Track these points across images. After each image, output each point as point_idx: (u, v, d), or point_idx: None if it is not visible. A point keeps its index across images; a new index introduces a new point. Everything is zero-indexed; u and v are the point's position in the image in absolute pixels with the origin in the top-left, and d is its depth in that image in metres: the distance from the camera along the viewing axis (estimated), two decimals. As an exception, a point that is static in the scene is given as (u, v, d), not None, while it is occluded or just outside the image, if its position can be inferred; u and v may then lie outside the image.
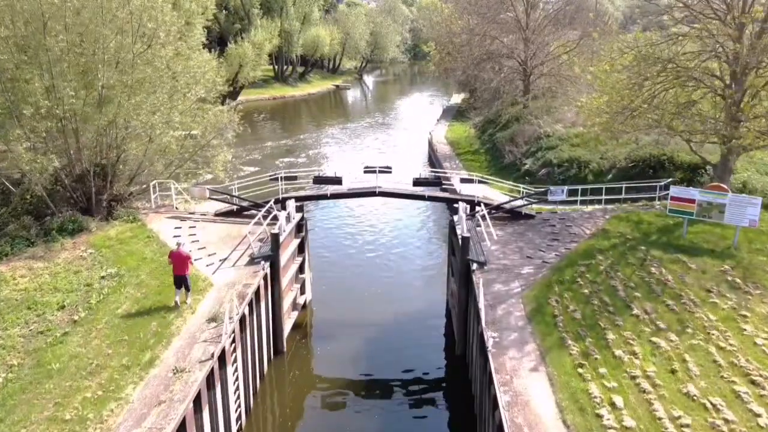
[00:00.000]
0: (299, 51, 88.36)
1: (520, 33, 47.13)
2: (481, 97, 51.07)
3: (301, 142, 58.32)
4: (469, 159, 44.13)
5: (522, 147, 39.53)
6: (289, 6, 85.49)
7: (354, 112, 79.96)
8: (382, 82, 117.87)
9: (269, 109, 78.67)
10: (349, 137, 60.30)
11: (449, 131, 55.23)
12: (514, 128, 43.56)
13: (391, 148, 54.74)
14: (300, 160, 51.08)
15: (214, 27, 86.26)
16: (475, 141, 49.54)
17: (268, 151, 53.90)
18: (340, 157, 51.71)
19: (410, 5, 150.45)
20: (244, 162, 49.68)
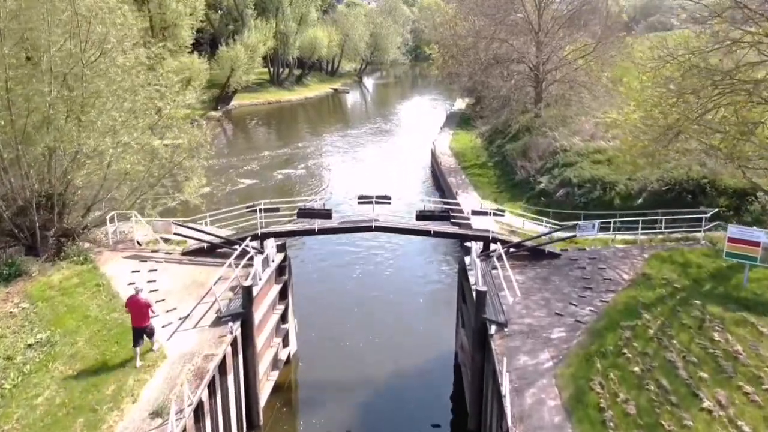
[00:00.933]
0: (296, 53, 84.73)
1: (531, 35, 43.44)
2: (489, 105, 47.39)
3: (299, 151, 54.58)
4: (476, 173, 40.44)
5: (536, 162, 35.83)
6: (285, 6, 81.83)
7: (353, 117, 76.28)
8: (382, 84, 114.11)
9: (264, 114, 75.02)
10: (350, 145, 56.60)
11: (454, 141, 51.55)
12: (526, 140, 39.87)
13: (391, 158, 51.07)
14: (298, 171, 47.45)
15: (208, 28, 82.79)
16: (482, 153, 45.85)
17: (265, 161, 50.21)
18: (340, 168, 48.09)
19: (411, 5, 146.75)
20: (240, 174, 46.16)
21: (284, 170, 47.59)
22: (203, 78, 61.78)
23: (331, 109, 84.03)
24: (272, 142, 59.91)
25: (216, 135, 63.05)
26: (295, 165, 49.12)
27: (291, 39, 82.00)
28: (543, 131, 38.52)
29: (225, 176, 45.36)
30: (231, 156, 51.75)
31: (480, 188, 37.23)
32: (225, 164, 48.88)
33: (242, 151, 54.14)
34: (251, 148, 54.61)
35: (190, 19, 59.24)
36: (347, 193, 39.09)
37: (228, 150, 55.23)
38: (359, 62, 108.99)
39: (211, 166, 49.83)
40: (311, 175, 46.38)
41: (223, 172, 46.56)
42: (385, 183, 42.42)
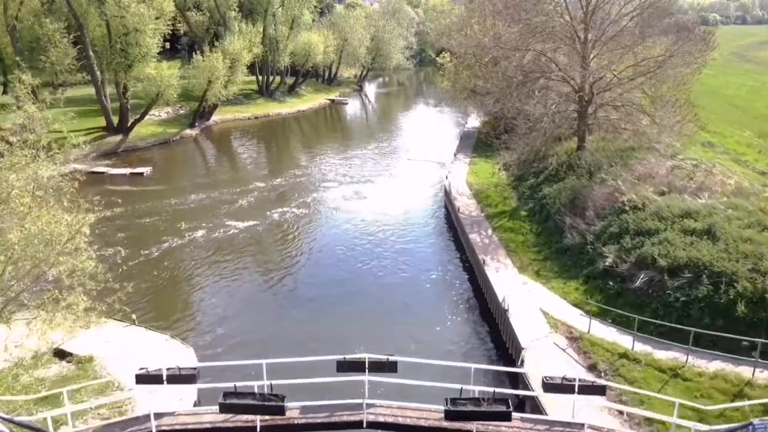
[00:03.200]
0: (287, 60, 75.28)
1: (575, 46, 33.97)
2: (518, 129, 37.94)
3: (293, 181, 44.73)
4: (506, 227, 30.96)
5: (592, 221, 26.33)
6: (275, 8, 72.39)
7: (353, 134, 66.22)
8: (384, 93, 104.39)
9: (251, 131, 65.52)
10: (350, 175, 46.54)
11: (471, 172, 42.06)
12: (572, 184, 30.37)
13: (398, 194, 41.41)
14: (294, 210, 37.71)
15: (186, 32, 73.53)
16: (509, 193, 36.35)
17: (252, 194, 40.50)
18: (341, 209, 38.46)
19: (416, 6, 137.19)
20: (227, 213, 36.52)
21: (278, 209, 37.90)
22: (172, 92, 52.51)
23: (328, 124, 74.39)
24: (260, 169, 50.27)
25: (188, 159, 53.59)
26: (290, 202, 39.48)
27: (281, 45, 72.54)
28: (602, 178, 28.96)
29: (203, 216, 35.95)
30: (209, 188, 42.18)
31: (515, 253, 27.76)
32: (201, 200, 39.47)
33: (224, 181, 44.59)
34: (235, 180, 45.01)
35: (156, 23, 49.86)
36: (351, 250, 30.00)
37: (206, 178, 45.67)
38: (359, 68, 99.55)
39: (185, 202, 40.34)
40: (309, 219, 36.77)
41: (200, 211, 37.25)
42: (390, 236, 33.05)
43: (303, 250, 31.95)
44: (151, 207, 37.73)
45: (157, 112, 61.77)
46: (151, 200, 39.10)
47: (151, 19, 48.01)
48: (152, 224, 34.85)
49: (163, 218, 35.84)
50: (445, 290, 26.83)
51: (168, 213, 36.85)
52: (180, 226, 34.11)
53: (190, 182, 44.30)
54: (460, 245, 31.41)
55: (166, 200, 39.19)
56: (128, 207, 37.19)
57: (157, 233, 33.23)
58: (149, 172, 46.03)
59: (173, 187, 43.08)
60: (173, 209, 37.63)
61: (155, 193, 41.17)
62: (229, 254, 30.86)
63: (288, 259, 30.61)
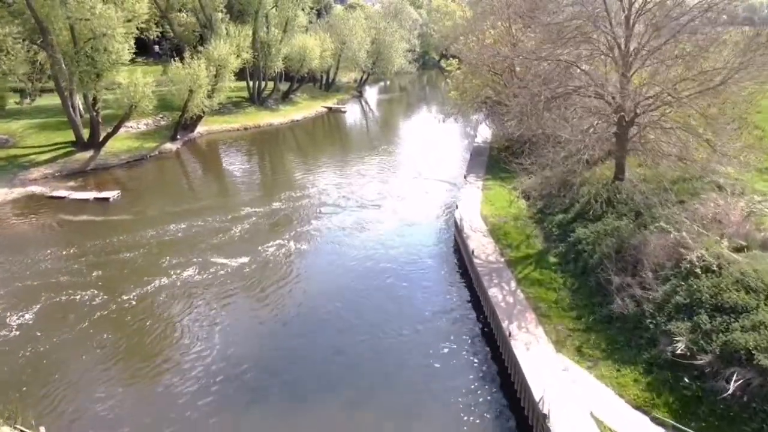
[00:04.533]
0: (280, 66, 69.54)
1: (612, 57, 28.23)
2: (539, 151, 32.21)
3: (288, 206, 39.02)
4: (533, 280, 25.21)
5: (650, 285, 20.55)
6: (268, 8, 66.65)
7: (354, 147, 59.89)
8: (386, 99, 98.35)
9: (239, 144, 59.80)
10: (348, 200, 40.66)
11: (486, 200, 36.30)
12: (617, 228, 24.57)
13: (402, 227, 35.79)
14: (293, 245, 32.22)
15: (171, 35, 67.95)
16: (533, 229, 30.62)
17: (242, 225, 34.83)
18: (340, 241, 32.83)
19: (419, 7, 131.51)
20: (210, 248, 31.06)
21: (270, 242, 32.30)
22: (147, 103, 46.85)
23: (325, 136, 68.45)
24: (250, 190, 44.35)
25: (166, 179, 47.78)
26: (284, 233, 33.94)
27: (274, 49, 66.80)
28: (652, 219, 23.21)
29: (179, 253, 30.49)
30: (188, 215, 36.55)
31: (547, 319, 22.05)
32: (177, 232, 33.93)
33: (208, 207, 38.87)
34: (220, 205, 39.34)
35: (127, 27, 44.18)
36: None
37: (185, 203, 39.78)
38: (359, 72, 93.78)
39: (156, 235, 33.37)
40: (304, 259, 31.12)
41: (175, 247, 31.79)
42: (394, 287, 27.38)
43: (292, 305, 26.07)
44: (109, 245, 32.06)
45: (134, 124, 56.20)
46: (112, 234, 33.44)
47: (120, 22, 42.29)
48: (104, 270, 29.08)
49: (122, 260, 30.15)
50: (461, 373, 21.04)
51: (132, 251, 31.18)
52: (144, 272, 28.59)
53: (166, 208, 38.55)
54: (477, 302, 25.63)
55: (133, 234, 33.50)
56: (78, 246, 31.65)
57: (107, 284, 27.53)
58: (116, 197, 40.33)
59: (145, 215, 37.41)
60: (141, 245, 31.97)
61: (121, 225, 35.49)
62: (205, 311, 25.31)
63: (271, 322, 24.85)
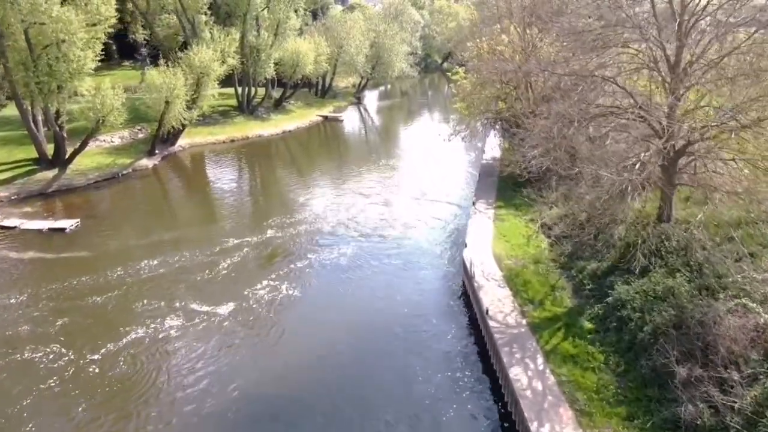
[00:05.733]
0: (271, 72, 64.36)
1: (658, 71, 23.04)
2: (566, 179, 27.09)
3: (279, 236, 34.06)
4: (565, 355, 20.01)
5: (733, 383, 15.36)
6: (259, 9, 61.44)
7: (352, 163, 53.52)
8: (386, 106, 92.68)
9: (225, 159, 54.60)
10: (349, 230, 35.43)
11: (499, 234, 31.09)
12: (672, 291, 19.36)
13: (401, 266, 30.72)
14: (284, 288, 27.37)
15: (151, 39, 62.91)
16: (558, 278, 25.41)
17: (226, 263, 29.84)
18: (335, 289, 27.69)
19: (420, 8, 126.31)
20: (185, 293, 26.39)
21: (256, 285, 27.71)
22: (116, 116, 41.79)
23: (320, 149, 62.84)
24: (236, 215, 38.98)
25: (138, 203, 42.50)
26: (273, 273, 29.23)
27: (264, 54, 61.63)
28: (722, 286, 18.02)
29: (149, 300, 25.78)
30: (161, 249, 31.70)
31: (590, 419, 16.88)
32: (146, 272, 29.05)
33: (185, 238, 33.92)
34: (201, 235, 34.27)
35: (91, 32, 39.06)
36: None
37: (157, 233, 34.68)
38: (358, 77, 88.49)
39: (118, 277, 28.09)
40: (294, 308, 26.16)
41: (142, 291, 27.00)
42: (395, 357, 22.25)
43: (271, 380, 21.05)
44: (69, 288, 27.42)
45: (108, 138, 51.13)
46: (72, 274, 28.54)
47: (81, 26, 37.14)
48: (64, 321, 24.43)
49: (85, 308, 25.67)
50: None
51: (96, 296, 26.71)
52: (112, 323, 24.18)
53: (136, 240, 33.54)
54: (494, 381, 20.46)
55: (97, 273, 28.78)
56: (31, 291, 26.78)
57: (68, 339, 23.04)
58: (74, 227, 35.20)
59: (108, 249, 32.44)
60: (106, 288, 27.49)
61: (79, 263, 30.52)
62: (182, 380, 20.42)
63: (246, 402, 19.75)
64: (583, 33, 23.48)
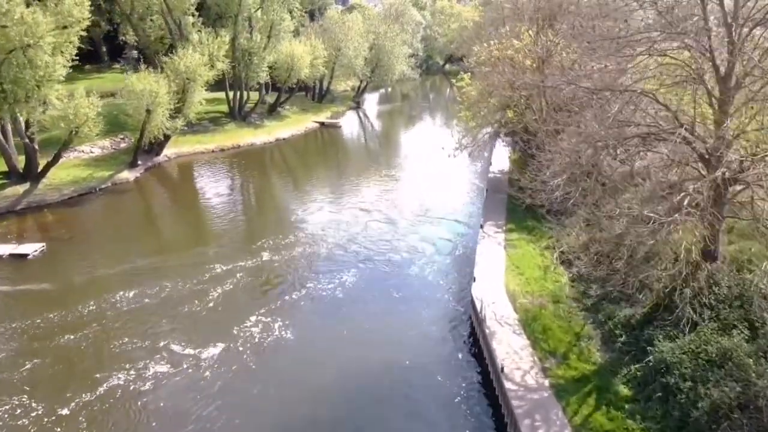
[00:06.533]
0: (264, 76, 60.82)
1: (703, 85, 19.52)
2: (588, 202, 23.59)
3: (271, 260, 30.81)
4: (599, 429, 16.52)
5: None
6: (253, 10, 57.90)
7: (350, 175, 49.72)
8: (387, 111, 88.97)
9: (214, 170, 50.99)
10: (347, 256, 31.84)
11: (511, 266, 27.54)
12: (734, 356, 15.86)
13: (402, 302, 27.30)
14: (276, 326, 23.78)
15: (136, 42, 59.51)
16: (583, 324, 21.89)
17: (217, 297, 26.31)
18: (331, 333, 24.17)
19: (422, 8, 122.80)
20: (169, 331, 23.25)
21: (245, 323, 24.47)
22: (91, 127, 38.36)
23: (317, 158, 58.89)
24: (223, 235, 35.43)
25: (116, 221, 38.87)
26: (268, 307, 25.93)
27: (256, 57, 58.09)
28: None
29: (138, 336, 22.63)
30: (139, 278, 28.32)
31: None
32: (131, 303, 25.58)
33: (168, 265, 30.45)
34: (185, 261, 30.76)
35: (62, 35, 35.61)
36: None
37: (140, 257, 31.10)
38: (357, 80, 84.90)
39: (88, 314, 24.46)
40: (287, 351, 22.82)
41: (131, 322, 23.67)
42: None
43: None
44: (33, 327, 24.34)
45: (88, 148, 47.72)
46: (26, 314, 25.12)
47: (48, 28, 33.68)
48: (29, 366, 21.28)
49: (53, 350, 22.41)
50: None
51: (65, 336, 23.40)
52: (83, 370, 21.12)
53: (110, 268, 29.98)
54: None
55: (65, 308, 25.61)
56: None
57: (34, 389, 19.90)
58: (39, 253, 31.69)
59: (75, 279, 29.08)
60: (76, 326, 24.25)
61: (38, 297, 27.21)
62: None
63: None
64: (613, 40, 19.91)
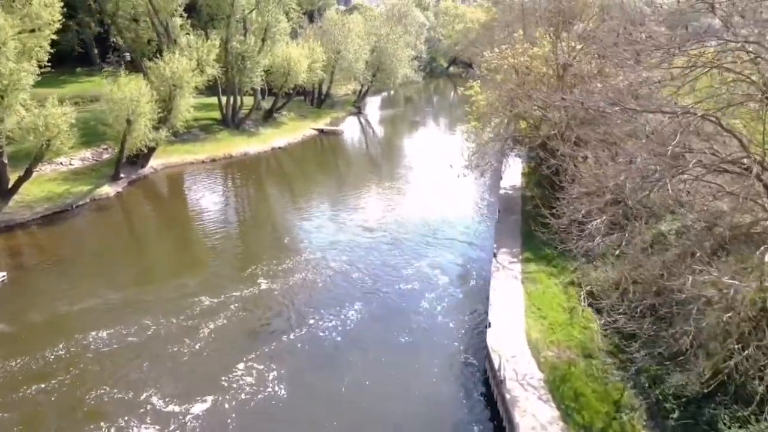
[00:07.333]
0: (258, 81, 57.34)
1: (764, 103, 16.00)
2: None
3: (267, 295, 27.15)
4: None
5: None
6: (242, 11, 54.43)
7: (350, 186, 46.46)
8: (389, 116, 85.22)
9: (203, 184, 47.56)
10: (350, 289, 28.39)
11: (531, 306, 23.97)
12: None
13: (410, 354, 23.81)
14: (277, 384, 19.96)
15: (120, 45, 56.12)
16: (625, 390, 18.31)
17: (204, 338, 22.89)
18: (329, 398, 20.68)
19: (425, 9, 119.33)
20: (148, 386, 19.87)
21: (242, 366, 21.34)
22: (63, 140, 34.92)
23: (316, 169, 54.88)
24: (213, 261, 31.96)
25: (92, 244, 35.24)
26: (260, 351, 22.63)
27: (250, 62, 54.61)
28: None
29: (114, 387, 19.33)
30: (120, 312, 24.97)
31: None
32: (106, 345, 22.23)
33: (148, 298, 27.03)
34: (167, 296, 27.28)
35: (29, 40, 32.17)
36: None
37: (116, 288, 27.71)
38: (358, 84, 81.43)
39: (74, 352, 20.99)
40: (285, 409, 19.28)
41: (106, 369, 20.13)
42: None
43: None
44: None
45: (67, 159, 44.26)
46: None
47: (13, 31, 30.22)
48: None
49: (22, 404, 18.99)
50: None
51: (31, 386, 20.10)
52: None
53: (76, 303, 26.41)
54: None
55: (18, 357, 22.05)
56: None
57: None
58: (0, 283, 28.32)
59: (39, 318, 25.49)
60: (45, 374, 20.96)
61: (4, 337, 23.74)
62: None
63: None
64: (665, 48, 16.32)
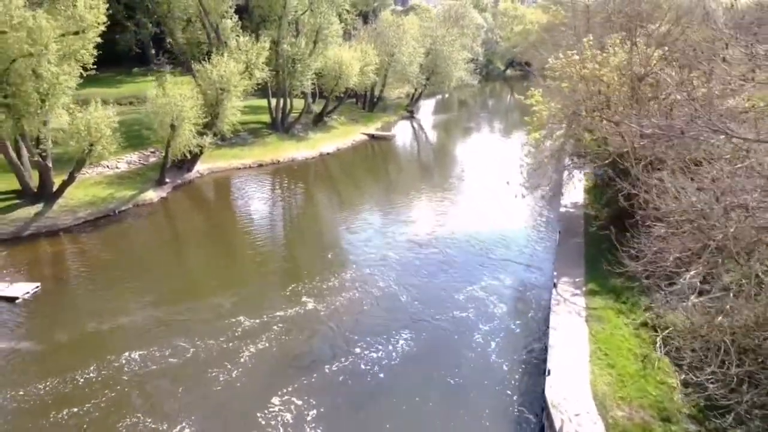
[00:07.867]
0: (309, 84, 55.82)
1: None
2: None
3: (310, 319, 25.26)
4: None
5: None
6: (295, 12, 52.99)
7: (401, 197, 43.92)
8: (443, 121, 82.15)
9: (250, 190, 46.31)
10: (400, 317, 26.22)
11: (597, 351, 21.08)
12: None
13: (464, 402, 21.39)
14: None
15: (172, 47, 55.57)
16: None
17: (242, 367, 21.38)
18: None
19: (483, 10, 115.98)
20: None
21: (284, 405, 19.41)
22: (105, 144, 34.04)
23: (365, 178, 52.32)
24: (255, 275, 30.47)
25: (134, 252, 34.10)
26: (303, 386, 20.83)
27: (300, 65, 53.15)
28: None
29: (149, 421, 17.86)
30: (157, 331, 23.72)
31: None
32: (141, 371, 20.72)
33: (186, 316, 25.68)
34: (206, 316, 25.77)
35: (73, 43, 31.35)
36: None
37: (153, 304, 26.63)
38: (412, 87, 79.06)
39: (106, 376, 19.30)
40: None
41: (138, 399, 18.84)
42: None
43: None
44: (16, 399, 19.48)
45: (113, 163, 43.77)
46: (5, 384, 20.61)
47: (55, 35, 29.37)
48: None
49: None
50: None
51: (40, 417, 18.65)
52: None
53: (108, 320, 25.21)
54: None
55: (47, 378, 20.77)
56: None
57: None
58: (31, 296, 27.30)
59: (69, 336, 24.27)
60: (57, 404, 19.47)
61: (24, 359, 22.58)
62: None
63: None
64: None
